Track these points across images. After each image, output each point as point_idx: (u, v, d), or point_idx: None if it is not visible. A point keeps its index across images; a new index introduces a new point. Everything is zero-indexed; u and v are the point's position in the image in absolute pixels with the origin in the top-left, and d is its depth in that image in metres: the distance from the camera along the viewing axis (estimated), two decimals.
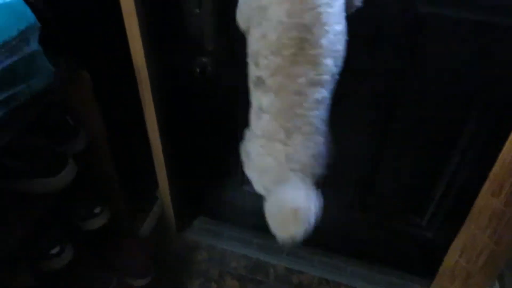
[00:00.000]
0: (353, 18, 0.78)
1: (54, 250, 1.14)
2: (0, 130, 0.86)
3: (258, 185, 1.01)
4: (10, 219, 1.02)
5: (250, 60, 0.85)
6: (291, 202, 0.89)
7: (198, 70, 1.20)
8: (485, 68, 0.93)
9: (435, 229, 1.38)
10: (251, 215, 1.64)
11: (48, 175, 1.05)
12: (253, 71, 0.84)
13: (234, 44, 1.15)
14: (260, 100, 0.86)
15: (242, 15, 0.84)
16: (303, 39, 0.72)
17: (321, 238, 1.61)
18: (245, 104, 1.30)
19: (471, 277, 0.88)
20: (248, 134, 1.00)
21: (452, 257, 0.99)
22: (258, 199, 1.55)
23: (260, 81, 0.82)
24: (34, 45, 0.90)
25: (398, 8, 0.91)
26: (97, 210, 1.27)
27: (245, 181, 1.54)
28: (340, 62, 0.78)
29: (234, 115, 1.35)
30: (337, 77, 0.79)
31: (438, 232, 1.38)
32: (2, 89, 0.85)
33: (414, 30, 0.93)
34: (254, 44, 0.81)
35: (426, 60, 0.98)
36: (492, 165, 0.89)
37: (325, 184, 0.92)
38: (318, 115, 0.81)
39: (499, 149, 0.88)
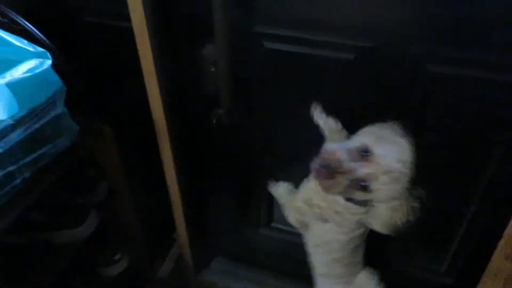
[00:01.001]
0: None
1: None
2: (27, 190, 0.91)
3: None
4: (38, 269, 1.06)
5: None
6: None
7: (214, 121, 1.24)
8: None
9: (455, 275, 1.36)
10: (268, 257, 1.66)
11: (72, 226, 1.10)
12: None
13: (248, 98, 1.20)
14: None
15: None
16: None
17: None
18: (260, 151, 1.34)
19: None
20: None
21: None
22: (275, 242, 1.57)
23: None
24: (60, 108, 0.97)
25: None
26: (117, 256, 1.31)
27: (262, 223, 1.56)
28: None
29: (250, 162, 1.38)
30: None
31: (459, 277, 1.36)
32: (30, 151, 0.91)
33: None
34: None
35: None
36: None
37: None
38: None
39: None
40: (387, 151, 0.80)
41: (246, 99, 1.19)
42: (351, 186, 0.83)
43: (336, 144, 0.88)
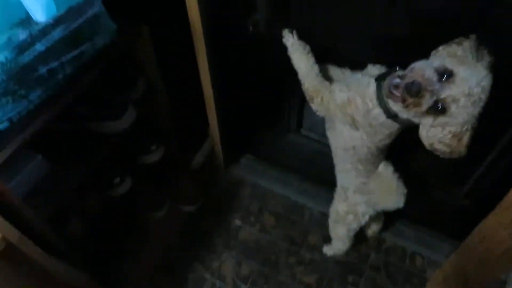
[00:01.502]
0: None
1: (116, 181, 1.33)
2: (70, 85, 0.98)
3: None
4: (84, 154, 1.19)
5: None
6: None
7: (250, 27, 1.22)
8: None
9: (473, 198, 1.40)
10: (295, 159, 1.74)
11: (113, 118, 1.19)
12: None
13: (285, 6, 1.15)
14: None
15: None
16: None
17: None
18: None
19: (488, 260, 0.93)
20: None
21: (477, 237, 1.03)
22: (303, 148, 1.64)
23: None
24: (97, 6, 0.98)
25: None
26: (153, 147, 1.42)
27: (292, 129, 1.61)
28: None
29: (283, 68, 1.37)
30: None
31: (476, 201, 1.40)
32: (71, 48, 0.95)
33: None
34: None
35: None
36: None
37: None
38: None
39: None
40: (469, 74, 0.80)
41: (283, 7, 1.14)
42: (430, 108, 0.84)
43: (423, 62, 0.86)
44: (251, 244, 1.63)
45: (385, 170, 1.15)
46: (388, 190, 1.17)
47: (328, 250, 1.57)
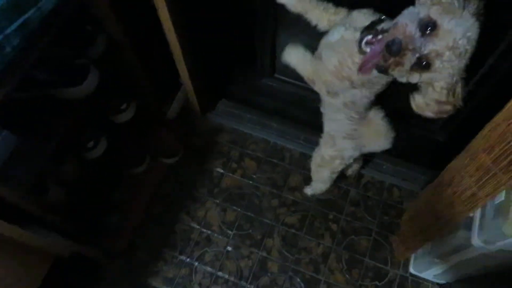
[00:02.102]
0: None
1: (90, 144, 1.31)
2: (21, 56, 0.91)
3: None
4: (51, 122, 1.15)
5: None
6: None
7: None
8: None
9: (447, 133, 1.42)
10: (272, 102, 1.71)
11: (74, 84, 1.13)
12: None
13: None
14: None
15: None
16: None
17: None
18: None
19: (456, 202, 0.97)
20: None
21: (443, 180, 1.07)
22: (278, 91, 1.60)
23: None
24: None
25: None
26: (123, 106, 1.38)
27: (266, 73, 1.56)
28: None
29: (250, 9, 1.30)
30: None
31: (450, 135, 1.42)
32: (13, 18, 0.87)
33: None
34: None
35: None
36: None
37: None
38: None
39: None
40: (453, 25, 0.75)
41: None
42: (414, 65, 0.80)
43: (407, 14, 0.80)
44: (234, 190, 1.66)
45: (376, 115, 1.15)
46: (378, 134, 1.18)
47: (309, 190, 1.61)
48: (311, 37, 1.12)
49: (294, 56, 1.18)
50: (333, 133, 1.29)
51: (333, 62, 1.00)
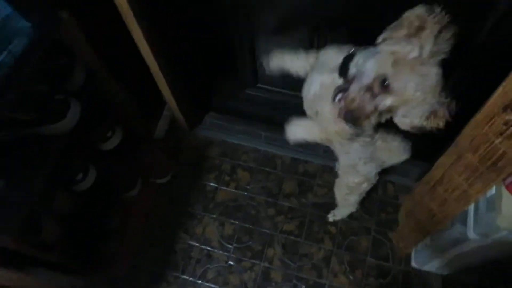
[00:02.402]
0: None
1: (79, 176, 1.29)
2: None
3: None
4: (36, 159, 1.13)
5: None
6: None
7: None
8: None
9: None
10: (258, 111, 1.71)
11: (56, 120, 1.12)
12: None
13: None
14: None
15: None
16: None
17: None
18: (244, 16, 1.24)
19: (448, 199, 0.98)
20: None
21: (434, 178, 1.07)
22: (263, 99, 1.60)
23: None
24: (5, 10, 0.87)
25: None
26: (109, 134, 1.37)
27: (249, 83, 1.56)
28: None
29: (227, 22, 1.29)
30: None
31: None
32: None
33: None
34: None
35: None
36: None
37: None
38: None
39: None
40: (404, 82, 0.76)
41: None
42: (379, 116, 0.83)
43: (354, 82, 0.82)
44: (229, 203, 1.66)
45: (387, 133, 1.18)
46: (395, 149, 1.22)
47: (335, 217, 1.60)
48: (286, 44, 1.12)
49: (297, 131, 1.19)
50: (353, 163, 1.26)
51: (329, 111, 0.98)
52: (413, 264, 1.51)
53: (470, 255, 1.16)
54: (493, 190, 0.93)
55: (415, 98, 0.77)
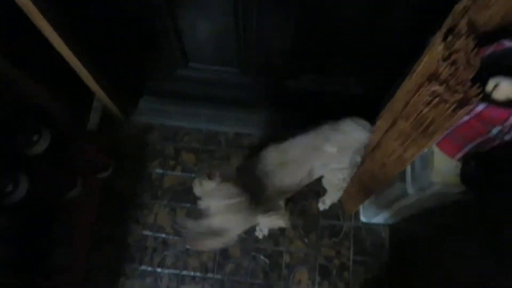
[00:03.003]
0: None
1: (8, 188, 1.20)
2: None
3: None
4: None
5: None
6: None
7: None
8: None
9: (363, 88, 1.46)
10: (193, 91, 1.65)
11: None
12: None
13: None
14: None
15: None
16: None
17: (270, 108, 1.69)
18: None
19: (386, 166, 1.03)
20: None
21: (372, 142, 1.11)
22: (196, 73, 1.54)
23: None
24: None
25: None
26: (35, 138, 1.27)
27: (179, 64, 1.49)
28: None
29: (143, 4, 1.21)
30: None
31: (367, 89, 1.47)
32: None
33: None
34: None
35: None
36: None
37: None
38: None
39: None
40: None
41: None
42: None
43: None
44: (177, 187, 1.63)
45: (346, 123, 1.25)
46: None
47: (325, 205, 1.61)
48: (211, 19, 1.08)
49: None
50: (341, 176, 1.33)
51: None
52: (362, 218, 1.59)
53: (412, 207, 1.24)
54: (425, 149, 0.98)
55: None
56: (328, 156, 1.22)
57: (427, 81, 0.70)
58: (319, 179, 1.47)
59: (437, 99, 0.70)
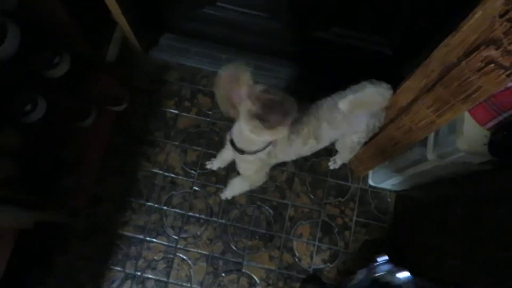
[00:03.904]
0: None
1: (27, 108, 1.19)
2: None
3: None
4: None
5: None
6: None
7: None
8: None
9: (394, 48, 1.42)
10: (217, 32, 1.61)
11: None
12: None
13: None
14: None
15: None
16: None
17: (293, 58, 1.65)
18: None
19: (413, 129, 1.00)
20: None
21: (399, 104, 1.08)
22: (222, 13, 1.49)
23: None
24: None
25: None
26: (55, 60, 1.24)
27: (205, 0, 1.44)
28: None
29: None
30: None
31: (397, 50, 1.43)
32: None
33: None
34: None
35: None
36: None
37: None
38: None
39: None
40: None
41: None
42: None
43: None
44: (191, 129, 1.62)
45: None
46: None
47: (336, 164, 1.60)
48: None
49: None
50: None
51: None
52: (370, 182, 1.60)
53: (426, 174, 1.24)
54: None
55: None
56: (342, 119, 1.20)
57: (483, 45, 0.67)
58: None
59: (491, 65, 0.67)
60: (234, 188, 1.49)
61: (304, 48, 1.55)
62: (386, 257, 1.17)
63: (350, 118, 1.17)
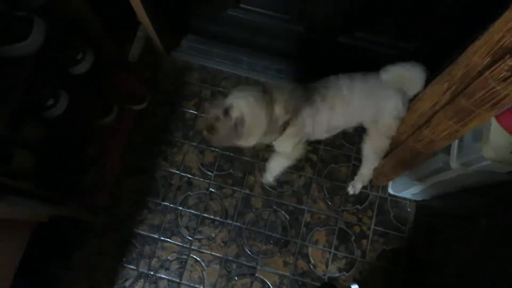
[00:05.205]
0: None
1: (49, 102, 1.21)
2: None
3: None
4: (1, 82, 1.04)
5: None
6: None
7: None
8: None
9: (423, 55, 1.38)
10: (239, 34, 1.61)
11: (19, 39, 1.01)
12: None
13: None
14: None
15: None
16: None
17: (314, 62, 1.63)
18: None
19: (433, 142, 0.97)
20: None
21: (423, 108, 1.05)
22: (245, 16, 1.49)
23: None
24: None
25: None
26: (79, 56, 1.26)
27: (229, 1, 1.44)
28: None
29: None
30: None
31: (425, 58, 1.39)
32: None
33: None
34: None
35: None
36: None
37: None
38: None
39: None
40: None
41: None
42: None
43: None
44: None
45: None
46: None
47: (356, 188, 1.58)
48: None
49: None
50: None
51: None
52: (390, 191, 1.56)
53: (448, 183, 1.19)
54: None
55: None
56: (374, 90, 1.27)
57: (508, 54, 0.64)
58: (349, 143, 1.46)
59: None
60: (274, 168, 1.45)
61: (327, 52, 1.53)
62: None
63: (381, 93, 1.25)
